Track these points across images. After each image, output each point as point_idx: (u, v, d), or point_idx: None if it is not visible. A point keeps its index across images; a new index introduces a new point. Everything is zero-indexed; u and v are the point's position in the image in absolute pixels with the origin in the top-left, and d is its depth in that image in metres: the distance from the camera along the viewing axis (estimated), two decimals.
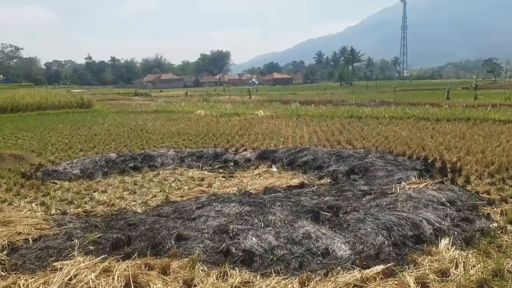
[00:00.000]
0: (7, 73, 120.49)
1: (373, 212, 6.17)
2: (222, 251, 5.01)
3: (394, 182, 8.02)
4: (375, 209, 6.32)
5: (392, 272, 4.44)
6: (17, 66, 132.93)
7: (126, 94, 58.49)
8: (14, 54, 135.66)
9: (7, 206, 7.30)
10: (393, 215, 5.92)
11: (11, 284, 4.22)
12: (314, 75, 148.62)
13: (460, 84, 64.68)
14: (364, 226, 5.64)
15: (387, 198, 6.87)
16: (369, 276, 4.29)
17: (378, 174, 8.83)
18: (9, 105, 26.88)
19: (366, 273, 4.32)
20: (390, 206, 6.46)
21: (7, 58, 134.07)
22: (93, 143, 14.07)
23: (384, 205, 6.54)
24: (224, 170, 10.25)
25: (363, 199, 7.02)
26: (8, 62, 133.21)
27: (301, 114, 22.59)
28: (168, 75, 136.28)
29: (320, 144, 12.95)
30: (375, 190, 7.61)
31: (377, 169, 9.11)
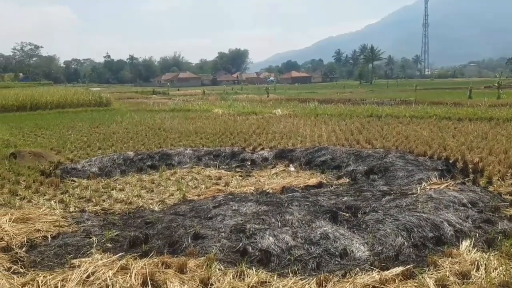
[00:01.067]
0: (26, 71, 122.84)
1: (393, 212, 6.11)
2: (239, 251, 5.03)
3: (414, 183, 7.94)
4: (395, 210, 6.26)
5: (412, 274, 4.40)
6: (36, 64, 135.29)
7: (144, 93, 59.00)
8: (34, 53, 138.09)
9: (26, 203, 7.47)
10: (413, 216, 5.86)
11: (29, 281, 4.30)
12: (333, 74, 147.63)
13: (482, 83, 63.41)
14: (384, 227, 5.60)
15: (407, 199, 6.80)
16: (388, 277, 4.25)
17: (398, 174, 8.75)
18: (28, 103, 27.39)
19: (385, 275, 4.28)
20: (410, 207, 6.39)
21: (27, 57, 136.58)
22: (111, 141, 14.26)
23: (404, 205, 6.48)
24: (241, 169, 10.27)
25: (382, 200, 6.96)
26: (28, 61, 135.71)
27: (319, 113, 22.45)
28: (186, 74, 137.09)
29: (338, 144, 12.86)
30: (395, 190, 7.54)
31: (397, 169, 9.02)
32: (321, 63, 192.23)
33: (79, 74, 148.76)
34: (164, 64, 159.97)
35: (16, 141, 14.22)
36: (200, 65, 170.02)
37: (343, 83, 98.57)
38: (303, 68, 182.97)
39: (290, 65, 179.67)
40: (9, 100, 27.40)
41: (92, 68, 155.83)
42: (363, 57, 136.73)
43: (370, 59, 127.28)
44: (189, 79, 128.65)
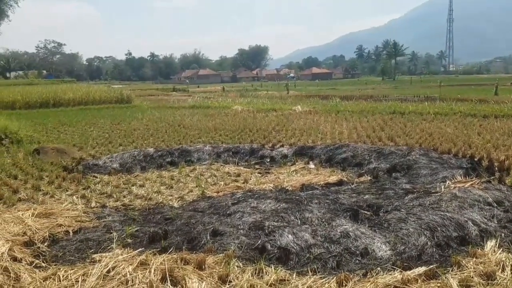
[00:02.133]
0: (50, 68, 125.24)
1: (416, 211, 6.03)
2: (257, 248, 5.03)
3: (438, 181, 7.79)
4: (418, 209, 6.17)
5: (435, 274, 4.32)
6: (59, 61, 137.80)
7: (164, 90, 59.52)
8: (57, 50, 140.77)
9: (49, 198, 7.62)
10: (437, 215, 5.77)
11: (51, 275, 4.38)
12: (355, 70, 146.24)
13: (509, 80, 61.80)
14: (406, 226, 5.52)
15: (430, 197, 6.68)
16: (410, 277, 4.19)
17: (422, 172, 8.61)
18: (51, 100, 27.90)
19: (407, 275, 4.22)
20: (434, 205, 6.28)
21: (50, 54, 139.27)
22: (132, 138, 14.43)
23: (428, 204, 6.37)
24: (260, 166, 10.26)
25: (405, 198, 6.85)
26: (51, 58, 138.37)
27: (340, 109, 22.28)
28: (206, 71, 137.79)
29: (360, 141, 12.74)
30: (418, 188, 7.41)
31: (420, 167, 8.89)
32: (342, 59, 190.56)
33: (101, 71, 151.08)
34: (184, 61, 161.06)
35: (40, 137, 14.51)
36: (220, 62, 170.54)
37: (365, 79, 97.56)
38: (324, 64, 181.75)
39: (311, 61, 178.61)
40: (33, 97, 27.92)
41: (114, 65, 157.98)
42: (385, 53, 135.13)
43: (393, 54, 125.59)
44: (209, 76, 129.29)
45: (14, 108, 26.05)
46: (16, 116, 19.63)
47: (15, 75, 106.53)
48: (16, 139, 13.34)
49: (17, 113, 22.57)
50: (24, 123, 16.62)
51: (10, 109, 25.24)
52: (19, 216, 6.15)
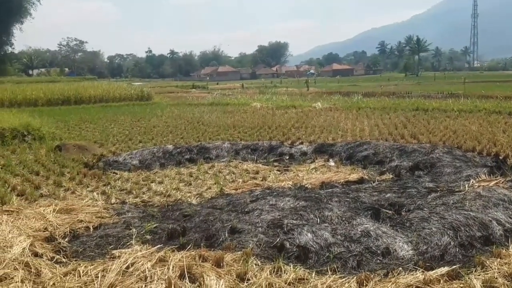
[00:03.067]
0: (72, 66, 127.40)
1: (439, 210, 5.94)
2: (276, 246, 5.01)
3: (462, 179, 7.67)
4: (441, 208, 6.08)
5: (458, 274, 4.25)
6: (81, 59, 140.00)
7: (184, 87, 59.87)
8: (79, 48, 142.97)
9: (70, 194, 7.76)
10: (460, 214, 5.67)
11: (71, 271, 4.44)
12: (377, 66, 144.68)
13: None
14: (429, 225, 5.45)
15: (454, 196, 6.57)
16: (432, 278, 4.13)
17: (445, 170, 8.49)
18: (73, 97, 28.35)
19: (430, 275, 4.16)
20: (457, 204, 6.18)
21: (72, 52, 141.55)
22: (151, 135, 14.56)
23: (451, 203, 6.27)
24: (279, 164, 10.23)
25: (428, 197, 6.76)
26: (73, 56, 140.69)
27: (362, 106, 22.08)
28: (225, 68, 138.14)
29: (382, 138, 12.61)
30: (441, 187, 7.29)
31: (444, 165, 8.76)
32: (364, 55, 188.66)
33: (122, 69, 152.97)
34: (203, 58, 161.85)
35: (61, 134, 14.77)
36: (239, 59, 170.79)
37: (387, 76, 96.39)
38: (345, 60, 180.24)
39: (331, 58, 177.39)
40: (55, 94, 28.38)
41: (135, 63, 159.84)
42: (408, 49, 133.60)
43: (416, 50, 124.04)
44: (228, 73, 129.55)
45: (37, 105, 26.51)
46: (38, 113, 20.00)
47: (37, 73, 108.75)
48: (39, 136, 13.62)
49: (39, 110, 22.98)
50: (46, 120, 16.95)
51: (32, 106, 25.69)
52: (41, 212, 6.26)
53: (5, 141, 12.71)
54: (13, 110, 20.17)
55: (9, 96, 26.91)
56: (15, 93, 27.80)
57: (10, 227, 5.60)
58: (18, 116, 16.26)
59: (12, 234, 5.36)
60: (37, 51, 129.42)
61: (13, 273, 4.34)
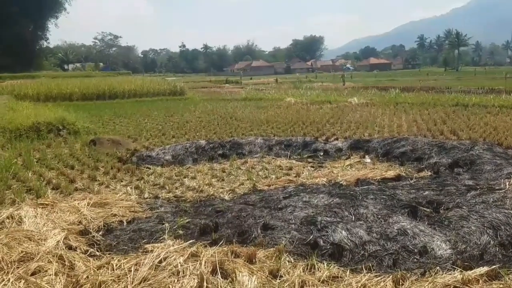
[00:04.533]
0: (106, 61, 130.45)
1: (478, 209, 5.80)
2: (309, 243, 4.99)
3: (503, 177, 7.43)
4: (481, 206, 5.93)
5: (497, 274, 4.14)
6: (116, 54, 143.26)
7: (217, 82, 60.32)
8: (113, 43, 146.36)
9: (104, 188, 7.95)
10: (501, 213, 5.52)
11: (105, 264, 4.53)
12: (415, 60, 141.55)
13: None
14: (468, 224, 5.32)
15: (494, 194, 6.38)
16: (471, 278, 4.03)
17: (485, 168, 8.25)
18: (107, 92, 29.00)
19: (468, 275, 4.06)
20: (498, 203, 6.00)
21: (107, 47, 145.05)
22: (184, 130, 14.76)
23: (491, 201, 6.10)
24: (313, 160, 10.17)
25: (467, 195, 6.57)
26: (108, 50, 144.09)
27: (399, 101, 21.72)
28: (259, 62, 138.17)
29: (420, 134, 12.37)
30: (482, 185, 7.07)
31: (484, 163, 8.53)
32: (402, 49, 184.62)
33: (156, 63, 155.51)
34: (237, 53, 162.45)
35: (96, 129, 15.16)
36: (274, 53, 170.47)
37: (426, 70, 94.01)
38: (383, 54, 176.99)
39: (369, 51, 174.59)
40: (89, 89, 29.05)
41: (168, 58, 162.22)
42: (448, 43, 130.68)
43: (456, 44, 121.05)
44: (262, 67, 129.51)
45: (72, 100, 27.17)
46: (73, 107, 20.61)
47: (73, 68, 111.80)
48: (73, 130, 14.04)
49: (74, 105, 23.65)
50: (81, 114, 17.45)
51: (68, 101, 26.35)
52: (75, 205, 6.40)
53: (40, 135, 13.13)
54: (49, 105, 20.88)
55: (45, 91, 27.68)
56: (50, 87, 28.57)
57: (44, 220, 5.73)
58: (53, 110, 16.80)
59: (46, 227, 5.50)
60: (72, 46, 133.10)
61: (47, 266, 4.43)
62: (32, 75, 54.93)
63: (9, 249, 4.73)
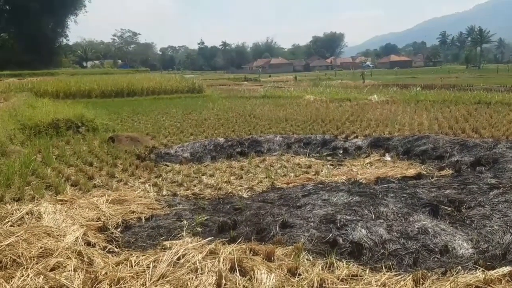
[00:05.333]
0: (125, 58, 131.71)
1: (501, 208, 5.76)
2: (328, 242, 4.99)
3: None
4: (504, 205, 5.88)
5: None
6: (134, 51, 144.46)
7: (235, 79, 60.33)
8: (132, 40, 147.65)
9: (122, 185, 8.02)
10: None
11: (123, 260, 4.58)
12: (437, 57, 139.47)
13: None
14: (490, 223, 5.29)
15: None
16: (493, 277, 3.98)
17: (509, 166, 8.14)
18: (126, 89, 29.20)
19: (490, 275, 4.01)
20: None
21: (125, 44, 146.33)
22: (202, 128, 14.83)
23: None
24: (333, 158, 10.13)
25: (490, 194, 6.51)
26: (126, 48, 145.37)
27: (420, 99, 21.45)
28: (278, 60, 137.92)
29: (441, 132, 12.22)
30: (505, 184, 6.97)
31: (507, 161, 8.41)
32: (423, 46, 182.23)
33: (174, 61, 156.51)
34: (256, 50, 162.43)
35: (114, 126, 15.29)
36: (293, 50, 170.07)
37: (447, 68, 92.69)
38: (404, 51, 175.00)
39: (389, 48, 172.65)
40: (108, 86, 29.22)
41: (187, 55, 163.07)
42: (470, 40, 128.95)
43: (478, 42, 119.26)
44: (281, 65, 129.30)
45: (91, 97, 27.43)
46: (92, 104, 20.85)
47: (91, 65, 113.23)
48: (92, 127, 14.16)
49: (93, 102, 23.92)
50: (99, 111, 17.65)
51: (86, 98, 26.65)
52: (94, 202, 6.50)
53: (60, 132, 13.25)
54: (68, 102, 21.17)
55: (64, 88, 27.85)
56: (69, 85, 28.81)
57: (64, 217, 5.81)
58: (72, 107, 17.05)
59: (65, 224, 5.57)
60: (91, 43, 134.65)
61: (66, 262, 4.49)
62: (51, 72, 55.66)
63: (28, 245, 4.81)
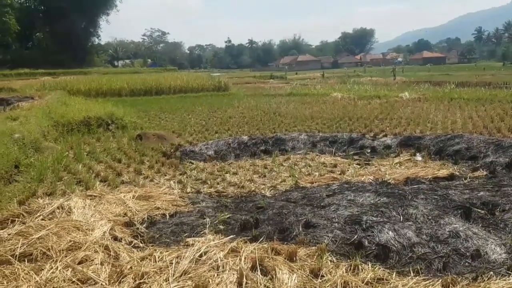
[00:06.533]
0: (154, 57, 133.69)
1: None
2: (353, 243, 4.90)
3: None
4: None
5: None
6: (163, 50, 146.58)
7: (261, 77, 60.26)
8: (161, 39, 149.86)
9: (148, 182, 8.16)
10: None
11: (147, 256, 4.68)
12: (471, 54, 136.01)
13: None
14: None
15: None
16: None
17: None
18: (154, 88, 29.75)
19: None
20: None
21: (155, 43, 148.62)
22: (227, 126, 14.87)
23: None
24: (360, 157, 9.95)
25: None
26: (156, 47, 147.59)
27: (454, 97, 20.95)
28: (305, 57, 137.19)
29: (475, 132, 11.87)
30: None
31: None
32: (458, 42, 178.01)
33: (202, 59, 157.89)
34: (283, 47, 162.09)
35: (142, 124, 15.62)
36: (321, 47, 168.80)
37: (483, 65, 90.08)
38: (437, 48, 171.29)
39: (422, 45, 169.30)
40: (137, 84, 29.96)
41: (214, 53, 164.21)
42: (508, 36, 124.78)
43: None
44: (308, 62, 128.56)
45: (121, 95, 28.14)
46: (122, 103, 21.25)
47: (122, 64, 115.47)
48: (121, 125, 14.63)
49: (123, 100, 24.39)
50: (129, 109, 17.99)
51: (117, 96, 27.32)
52: (121, 198, 6.66)
53: (91, 129, 13.79)
54: (99, 100, 21.79)
55: (96, 87, 28.84)
56: (101, 83, 29.77)
57: (92, 211, 6.00)
58: (103, 105, 17.53)
59: (94, 218, 5.75)
60: (122, 43, 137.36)
61: (94, 256, 4.64)
62: (84, 71, 57.25)
63: (58, 238, 4.98)
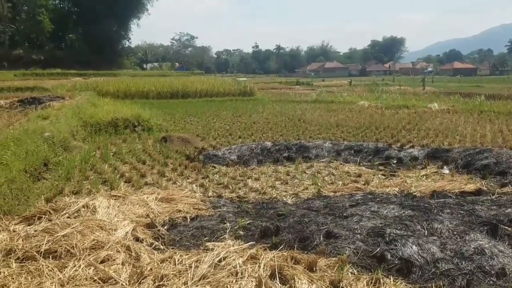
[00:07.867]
0: (182, 60, 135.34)
1: None
2: (375, 256, 4.82)
3: None
4: None
5: None
6: (191, 54, 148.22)
7: (287, 83, 60.19)
8: (189, 43, 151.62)
9: (171, 184, 8.23)
10: None
11: (167, 258, 4.71)
12: (504, 66, 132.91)
13: None
14: None
15: None
16: None
17: None
18: (180, 91, 30.09)
19: None
20: None
21: (183, 47, 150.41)
22: (251, 131, 14.89)
23: None
24: (385, 168, 9.82)
25: None
26: (184, 51, 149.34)
27: (484, 109, 20.49)
28: (333, 64, 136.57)
29: (506, 146, 11.55)
30: None
31: None
32: (490, 53, 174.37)
33: (228, 64, 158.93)
34: (310, 54, 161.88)
35: (168, 126, 15.79)
36: (349, 55, 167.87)
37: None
38: (468, 58, 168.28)
39: (453, 55, 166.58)
40: (164, 87, 30.31)
41: (241, 58, 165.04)
42: None
43: None
44: (336, 69, 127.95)
45: (148, 97, 28.51)
46: (148, 105, 21.54)
47: (150, 67, 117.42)
48: (147, 127, 14.87)
49: (149, 103, 24.72)
50: (155, 112, 18.22)
51: (144, 99, 27.71)
52: (144, 199, 6.73)
53: (118, 130, 14.10)
54: (127, 102, 22.17)
55: (124, 88, 29.34)
56: (129, 85, 30.24)
57: (116, 211, 6.10)
58: (130, 107, 17.83)
59: (117, 218, 5.84)
60: (151, 46, 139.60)
61: (115, 255, 4.71)
62: (114, 73, 58.48)
63: (82, 237, 5.08)
